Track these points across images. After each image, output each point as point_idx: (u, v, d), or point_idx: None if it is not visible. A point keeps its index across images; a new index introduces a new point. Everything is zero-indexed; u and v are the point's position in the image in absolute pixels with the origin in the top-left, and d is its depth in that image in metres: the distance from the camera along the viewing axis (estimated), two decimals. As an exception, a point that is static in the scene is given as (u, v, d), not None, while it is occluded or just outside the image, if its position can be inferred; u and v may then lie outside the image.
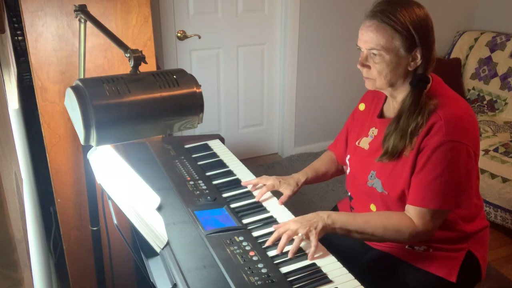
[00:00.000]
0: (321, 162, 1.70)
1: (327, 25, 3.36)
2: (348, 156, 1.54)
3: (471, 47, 3.66)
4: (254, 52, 3.36)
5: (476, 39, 3.65)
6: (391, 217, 1.32)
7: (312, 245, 1.23)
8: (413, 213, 1.29)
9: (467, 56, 3.67)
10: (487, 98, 3.50)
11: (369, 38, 1.28)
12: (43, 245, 1.85)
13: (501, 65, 3.43)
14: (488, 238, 1.50)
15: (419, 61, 1.28)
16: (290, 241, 1.25)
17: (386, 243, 1.43)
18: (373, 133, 1.46)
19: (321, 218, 1.29)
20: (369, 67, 1.31)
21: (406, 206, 1.32)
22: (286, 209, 1.46)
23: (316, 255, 1.22)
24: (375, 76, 1.31)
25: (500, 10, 3.71)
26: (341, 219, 1.30)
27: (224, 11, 3.14)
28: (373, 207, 1.43)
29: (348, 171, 1.54)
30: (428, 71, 1.32)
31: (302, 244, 1.26)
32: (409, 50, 1.26)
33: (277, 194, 1.53)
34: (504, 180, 2.63)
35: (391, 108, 1.41)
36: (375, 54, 1.28)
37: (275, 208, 1.45)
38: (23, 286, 0.73)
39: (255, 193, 1.53)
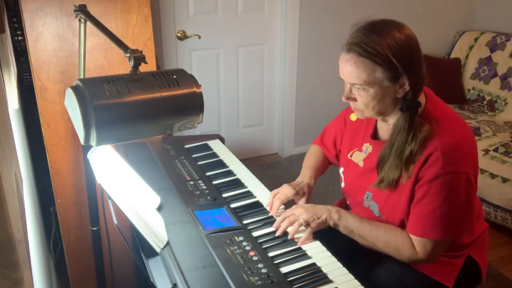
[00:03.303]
0: (315, 158, 1.65)
1: (327, 25, 3.36)
2: (342, 169, 1.51)
3: (471, 47, 3.66)
4: (254, 52, 3.36)
5: (476, 39, 3.65)
6: (397, 235, 1.29)
7: (306, 232, 1.27)
8: (414, 241, 1.27)
9: (467, 56, 3.67)
10: (487, 98, 3.50)
11: (349, 73, 1.21)
12: (43, 245, 1.85)
13: (501, 65, 3.43)
14: (488, 239, 1.49)
15: (407, 87, 1.21)
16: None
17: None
18: (367, 149, 1.41)
19: (328, 211, 1.31)
20: (354, 99, 1.26)
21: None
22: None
23: (308, 246, 1.25)
24: (363, 108, 1.26)
25: (500, 10, 3.71)
26: (348, 219, 1.32)
27: (224, 11, 3.14)
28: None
29: (342, 185, 1.51)
30: (418, 95, 1.25)
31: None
32: (394, 80, 1.19)
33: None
34: (504, 180, 2.63)
35: (385, 129, 1.37)
36: (358, 88, 1.22)
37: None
38: (23, 286, 0.73)
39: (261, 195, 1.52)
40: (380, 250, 1.33)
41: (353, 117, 1.52)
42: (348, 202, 1.51)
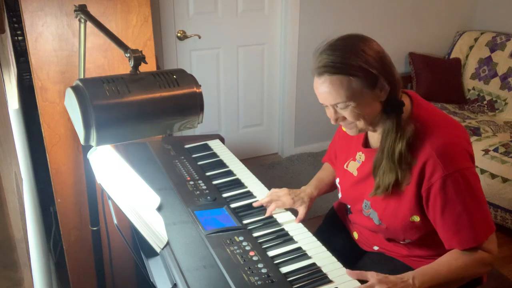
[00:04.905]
0: (327, 172, 1.64)
1: (327, 24, 3.36)
2: (338, 179, 1.50)
3: (471, 47, 3.66)
4: (254, 52, 3.36)
5: (476, 39, 3.65)
6: (469, 254, 1.22)
7: None
8: (480, 248, 1.24)
9: (467, 56, 3.67)
10: (487, 98, 3.50)
11: (328, 95, 1.20)
12: (43, 245, 1.85)
13: (501, 65, 3.43)
14: None
15: (387, 88, 1.20)
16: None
17: (385, 245, 1.42)
18: (360, 158, 1.41)
19: (408, 284, 1.17)
20: (343, 118, 1.25)
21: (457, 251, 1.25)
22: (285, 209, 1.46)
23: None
24: (354, 121, 1.24)
25: (500, 10, 3.71)
26: (425, 276, 1.19)
27: (224, 11, 3.14)
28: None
29: (339, 195, 1.50)
30: (398, 93, 1.24)
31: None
32: (372, 85, 1.19)
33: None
34: (504, 180, 2.63)
35: (376, 136, 1.36)
36: (342, 106, 1.21)
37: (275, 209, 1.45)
38: (23, 286, 0.73)
39: (258, 195, 1.52)
40: (466, 280, 1.28)
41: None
42: (349, 206, 1.51)
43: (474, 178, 1.22)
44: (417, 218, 1.27)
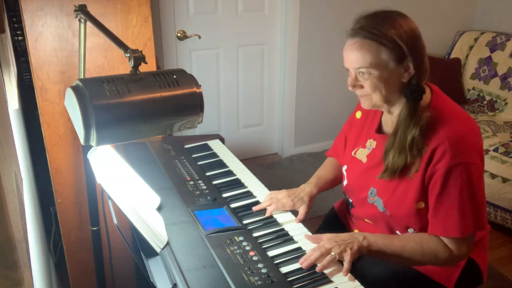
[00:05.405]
0: (328, 169, 1.64)
1: (327, 25, 3.36)
2: (345, 167, 1.50)
3: (471, 47, 3.66)
4: (254, 52, 3.36)
5: (476, 39, 3.65)
6: (429, 241, 1.26)
7: (345, 264, 1.19)
8: (446, 242, 1.25)
9: (467, 56, 3.67)
10: (487, 98, 3.50)
11: (354, 57, 1.22)
12: (43, 245, 1.85)
13: (501, 65, 3.43)
14: (489, 240, 1.49)
15: (412, 71, 1.22)
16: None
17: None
18: (371, 145, 1.41)
19: (356, 239, 1.25)
20: (361, 86, 1.26)
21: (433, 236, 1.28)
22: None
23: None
24: (370, 92, 1.25)
25: (500, 10, 3.71)
26: (377, 241, 1.26)
27: (224, 11, 3.14)
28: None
29: (345, 182, 1.49)
30: (422, 80, 1.25)
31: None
32: (399, 61, 1.21)
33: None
34: (504, 180, 2.63)
35: (390, 122, 1.36)
36: (363, 73, 1.22)
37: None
38: (23, 286, 0.73)
39: (258, 195, 1.52)
40: (417, 264, 1.31)
41: (358, 114, 1.52)
42: (351, 201, 1.51)
43: (477, 174, 1.22)
44: (422, 205, 1.28)
